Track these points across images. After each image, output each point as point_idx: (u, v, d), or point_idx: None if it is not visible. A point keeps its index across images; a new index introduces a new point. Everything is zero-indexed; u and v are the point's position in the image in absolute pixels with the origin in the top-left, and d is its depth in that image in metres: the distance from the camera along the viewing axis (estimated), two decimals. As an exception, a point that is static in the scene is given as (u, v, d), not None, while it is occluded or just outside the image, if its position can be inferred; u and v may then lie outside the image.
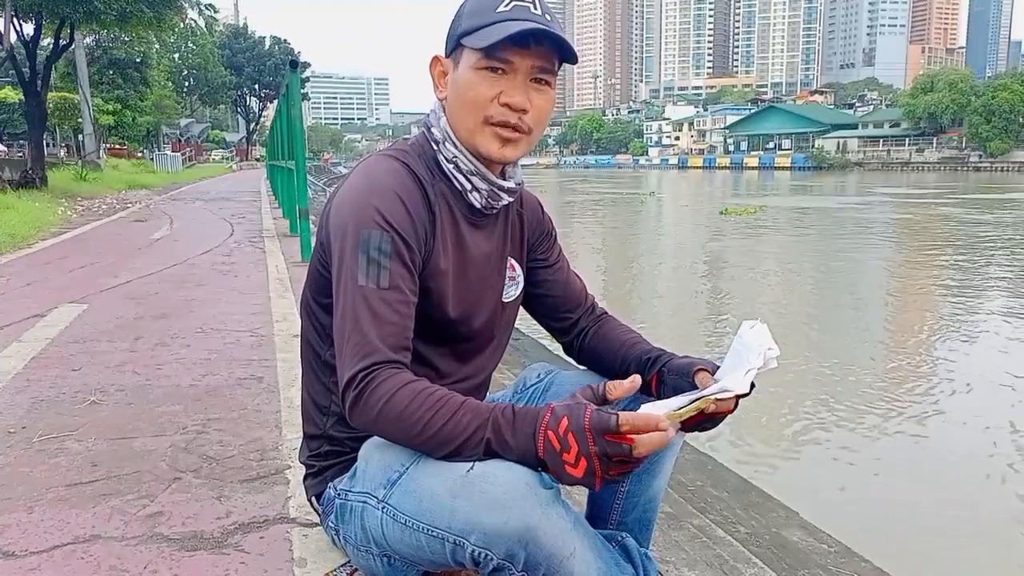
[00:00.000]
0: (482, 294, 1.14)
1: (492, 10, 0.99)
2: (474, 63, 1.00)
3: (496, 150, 1.04)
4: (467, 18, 1.01)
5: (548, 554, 0.86)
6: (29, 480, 1.73)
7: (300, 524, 1.50)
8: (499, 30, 0.97)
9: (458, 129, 1.05)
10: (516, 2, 0.99)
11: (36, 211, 9.01)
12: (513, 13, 0.98)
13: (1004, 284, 9.36)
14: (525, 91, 1.01)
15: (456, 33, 1.03)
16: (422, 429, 0.89)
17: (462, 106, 1.03)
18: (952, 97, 60.62)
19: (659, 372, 1.10)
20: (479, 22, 0.99)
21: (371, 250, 0.96)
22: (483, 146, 1.04)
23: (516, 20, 0.97)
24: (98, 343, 3.09)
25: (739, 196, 29.39)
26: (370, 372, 0.92)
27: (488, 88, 1.00)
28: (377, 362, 0.92)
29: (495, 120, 1.02)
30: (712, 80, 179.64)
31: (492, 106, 1.01)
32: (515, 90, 1.00)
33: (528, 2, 1.00)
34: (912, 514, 3.21)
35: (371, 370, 0.92)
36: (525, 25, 0.97)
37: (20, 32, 13.35)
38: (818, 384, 4.92)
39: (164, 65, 37.95)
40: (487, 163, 1.07)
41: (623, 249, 13.55)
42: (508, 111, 1.01)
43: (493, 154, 1.04)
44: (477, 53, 0.99)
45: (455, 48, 1.03)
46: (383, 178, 1.02)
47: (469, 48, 1.00)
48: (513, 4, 0.99)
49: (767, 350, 0.93)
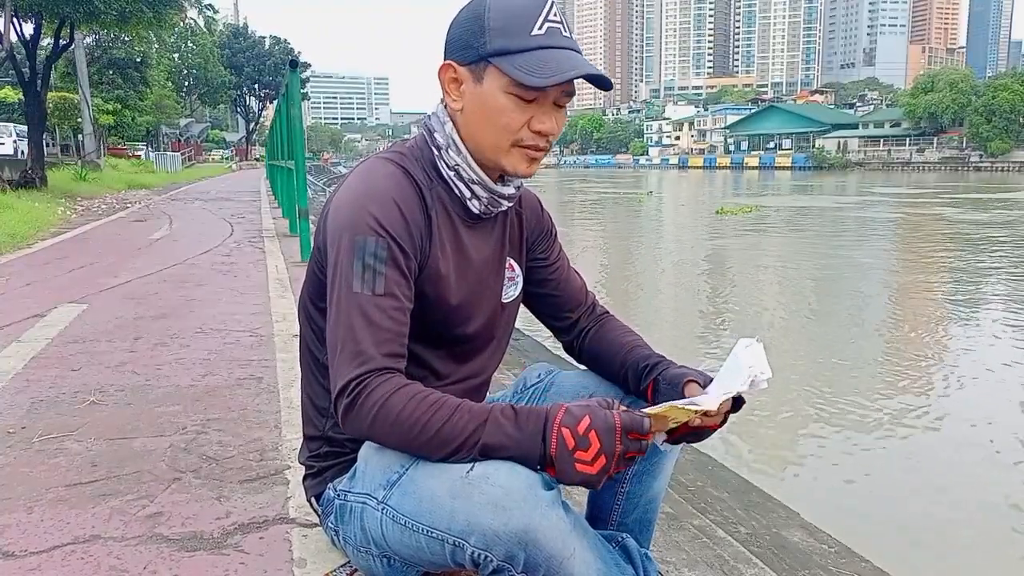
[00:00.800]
0: (481, 296, 1.14)
1: (526, 32, 0.96)
2: (505, 87, 0.98)
3: (524, 169, 1.05)
4: (497, 35, 0.97)
5: (548, 555, 0.86)
6: (29, 480, 1.73)
7: (300, 525, 1.50)
8: (544, 65, 0.95)
9: (480, 146, 1.04)
10: (548, 23, 0.97)
11: (36, 211, 9.01)
12: (548, 39, 0.97)
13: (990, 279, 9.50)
14: (553, 116, 1.02)
15: (483, 48, 0.98)
16: (419, 432, 0.89)
17: (489, 127, 1.01)
18: (952, 97, 60.63)
19: (654, 380, 1.10)
20: (514, 45, 0.96)
21: (366, 256, 0.96)
22: (511, 166, 1.04)
23: (556, 48, 0.97)
24: (98, 343, 3.09)
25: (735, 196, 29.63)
26: (363, 380, 0.92)
27: (520, 115, 1.00)
28: (371, 370, 0.92)
29: (526, 144, 1.02)
30: (712, 80, 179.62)
31: (523, 132, 1.01)
32: (545, 116, 1.01)
33: (558, 22, 0.98)
34: (913, 514, 3.21)
35: (364, 378, 0.92)
36: (574, 66, 0.96)
37: (20, 32, 13.34)
38: (817, 384, 4.92)
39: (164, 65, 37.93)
40: (489, 171, 1.07)
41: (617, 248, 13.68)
42: (539, 136, 1.02)
43: (520, 173, 1.05)
44: (511, 80, 0.97)
45: (478, 61, 0.99)
46: (379, 183, 1.01)
47: (508, 75, 0.97)
48: (547, 27, 0.97)
49: (758, 373, 0.93)
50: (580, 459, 0.85)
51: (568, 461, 0.85)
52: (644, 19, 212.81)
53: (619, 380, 1.16)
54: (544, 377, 1.24)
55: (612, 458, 0.84)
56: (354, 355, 0.93)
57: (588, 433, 0.84)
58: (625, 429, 0.85)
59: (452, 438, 0.88)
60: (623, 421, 0.85)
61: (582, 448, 0.84)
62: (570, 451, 0.85)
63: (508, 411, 0.89)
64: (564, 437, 0.85)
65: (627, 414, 0.86)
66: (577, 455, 0.85)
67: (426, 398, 0.90)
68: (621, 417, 0.85)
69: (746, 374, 0.93)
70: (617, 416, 0.85)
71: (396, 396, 0.90)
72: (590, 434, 0.84)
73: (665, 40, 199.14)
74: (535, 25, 0.97)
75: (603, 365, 1.20)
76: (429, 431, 0.88)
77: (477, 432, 0.88)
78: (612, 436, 0.84)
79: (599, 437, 0.84)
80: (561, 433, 0.85)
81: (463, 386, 1.14)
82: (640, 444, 0.85)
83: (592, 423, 0.85)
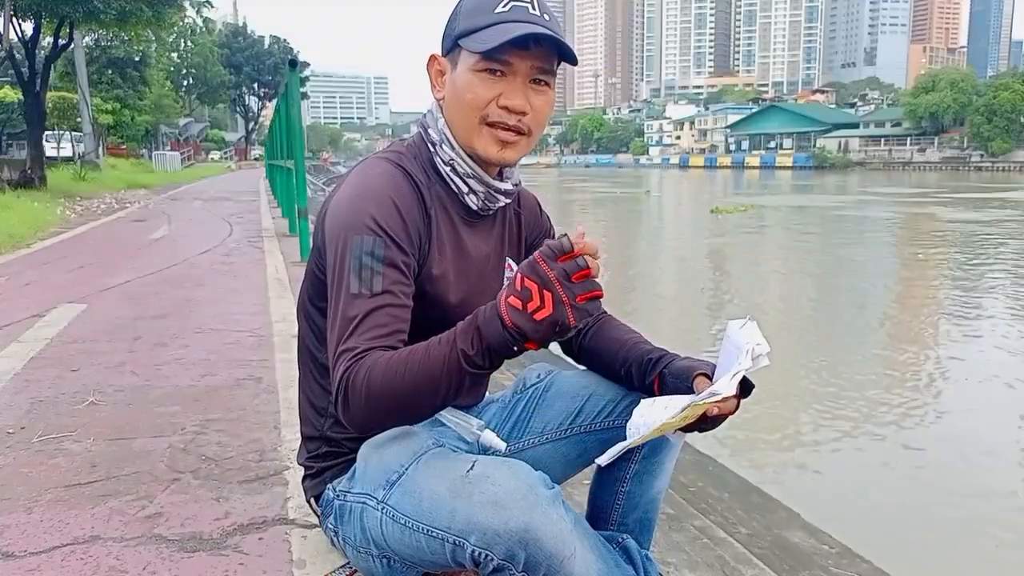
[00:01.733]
0: (481, 294, 1.13)
1: (491, 10, 0.98)
2: (472, 65, 0.99)
3: (495, 152, 1.03)
4: (464, 18, 1.00)
5: (548, 555, 0.86)
6: (28, 480, 1.72)
7: (299, 525, 1.49)
8: (499, 33, 0.96)
9: (456, 130, 1.05)
10: (514, 2, 0.98)
11: (35, 211, 9.00)
12: (512, 14, 0.97)
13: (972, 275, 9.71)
14: (524, 93, 1.01)
15: (453, 33, 1.01)
16: (404, 381, 0.88)
17: (460, 108, 1.02)
18: (953, 96, 60.60)
19: (660, 374, 1.10)
20: (477, 23, 0.98)
21: (364, 256, 0.96)
22: (482, 148, 1.03)
23: (515, 22, 0.97)
24: (97, 343, 3.09)
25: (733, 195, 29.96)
26: (349, 369, 0.91)
27: (487, 90, 1.00)
28: (354, 356, 0.92)
29: (494, 122, 1.01)
30: (713, 79, 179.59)
31: (491, 108, 1.00)
32: (514, 92, 1.00)
33: (527, 2, 0.99)
34: (913, 514, 3.21)
35: (349, 367, 0.91)
36: (525, 28, 0.96)
37: (19, 32, 13.34)
38: (817, 383, 4.92)
39: (163, 64, 37.94)
40: (484, 165, 1.07)
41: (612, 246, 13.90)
42: (507, 113, 1.01)
43: (492, 156, 1.04)
44: (475, 55, 0.98)
45: (452, 48, 1.02)
46: (378, 182, 1.01)
47: (467, 50, 0.99)
48: (512, 5, 0.98)
49: (756, 346, 0.92)
50: (533, 309, 0.83)
51: (527, 321, 0.83)
52: (645, 18, 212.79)
53: (621, 378, 1.16)
54: (544, 377, 1.24)
55: (553, 286, 0.82)
56: (348, 353, 0.92)
57: (523, 283, 0.83)
58: (546, 256, 0.83)
59: (436, 369, 0.87)
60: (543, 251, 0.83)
61: (527, 299, 0.83)
62: (523, 311, 0.83)
63: (467, 319, 0.89)
64: (512, 304, 0.84)
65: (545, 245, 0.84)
66: (528, 307, 0.83)
67: (399, 353, 0.90)
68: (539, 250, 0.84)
69: (745, 351, 0.92)
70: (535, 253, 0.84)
71: (376, 366, 0.89)
72: (524, 282, 0.83)
73: (666, 39, 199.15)
74: (500, 4, 0.98)
75: (603, 363, 1.20)
76: (412, 374, 0.88)
77: (452, 351, 0.87)
78: (538, 268, 0.82)
79: (531, 278, 0.83)
80: (509, 302, 0.84)
81: (463, 386, 1.14)
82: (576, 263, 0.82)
83: (522, 273, 0.84)
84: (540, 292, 0.82)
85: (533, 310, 0.83)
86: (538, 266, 0.83)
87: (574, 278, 0.82)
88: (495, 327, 0.85)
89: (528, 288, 0.83)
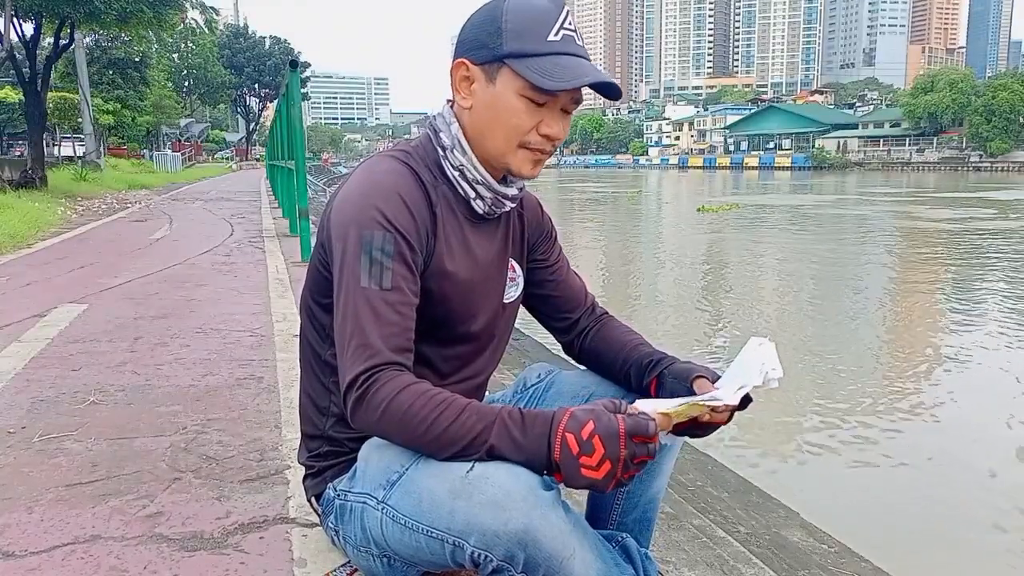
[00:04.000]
0: (484, 295, 1.14)
1: (543, 38, 0.98)
2: (519, 89, 0.99)
3: (528, 171, 1.06)
4: (513, 38, 0.98)
5: (548, 555, 0.86)
6: (29, 480, 1.73)
7: (300, 524, 1.50)
8: (560, 69, 0.97)
9: (487, 146, 1.05)
10: (564, 31, 0.99)
11: (36, 211, 8.99)
12: (563, 45, 0.99)
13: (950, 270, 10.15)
14: (560, 120, 1.03)
15: (496, 48, 0.99)
16: (426, 430, 0.89)
17: (498, 128, 1.03)
18: (952, 97, 60.59)
19: (659, 376, 1.11)
20: (528, 48, 0.98)
21: (373, 251, 0.96)
22: (516, 167, 1.05)
23: (570, 55, 0.98)
24: (98, 343, 3.09)
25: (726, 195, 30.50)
26: (372, 374, 0.92)
27: (530, 118, 1.01)
28: (379, 364, 0.92)
29: (532, 147, 1.03)
30: (712, 80, 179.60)
31: (532, 135, 1.02)
32: (554, 121, 1.03)
33: (573, 31, 1.00)
34: (913, 514, 3.21)
35: (373, 372, 0.92)
36: (588, 71, 0.98)
37: (20, 32, 13.34)
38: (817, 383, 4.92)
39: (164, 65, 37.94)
40: (494, 172, 1.08)
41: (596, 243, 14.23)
42: (546, 140, 1.03)
43: (524, 174, 1.06)
44: (523, 81, 0.98)
45: (492, 62, 1.00)
46: (385, 179, 1.02)
47: (520, 75, 0.98)
48: (563, 34, 0.99)
49: (771, 370, 0.94)
50: (585, 464, 0.84)
51: (573, 466, 0.84)
52: (644, 19, 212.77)
53: (620, 379, 1.17)
54: (544, 377, 1.24)
55: (617, 463, 0.83)
56: (363, 349, 0.93)
57: (592, 438, 0.84)
58: (629, 433, 0.84)
59: (459, 438, 0.88)
60: (627, 425, 0.84)
61: (586, 453, 0.84)
62: (575, 456, 0.84)
63: (515, 414, 0.88)
64: (568, 442, 0.84)
65: (632, 418, 0.85)
66: (582, 460, 0.84)
67: (434, 396, 0.90)
68: (625, 421, 0.84)
69: (760, 370, 0.93)
70: (621, 420, 0.84)
71: (405, 393, 0.90)
72: (594, 439, 0.83)
73: (665, 40, 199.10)
74: (551, 31, 0.98)
75: (604, 364, 1.20)
76: (436, 429, 0.88)
77: (484, 433, 0.87)
78: (616, 441, 0.83)
79: (603, 442, 0.83)
80: (565, 439, 0.85)
81: (464, 386, 1.15)
82: (647, 448, 0.84)
83: (596, 428, 0.84)
84: (602, 459, 0.84)
85: (584, 464, 0.84)
86: (618, 439, 0.84)
87: (636, 460, 0.84)
88: (539, 448, 0.86)
89: (593, 445, 0.84)
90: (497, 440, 0.87)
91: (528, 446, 0.86)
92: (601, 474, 0.84)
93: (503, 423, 0.88)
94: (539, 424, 0.87)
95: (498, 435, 0.87)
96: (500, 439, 0.87)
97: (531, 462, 0.87)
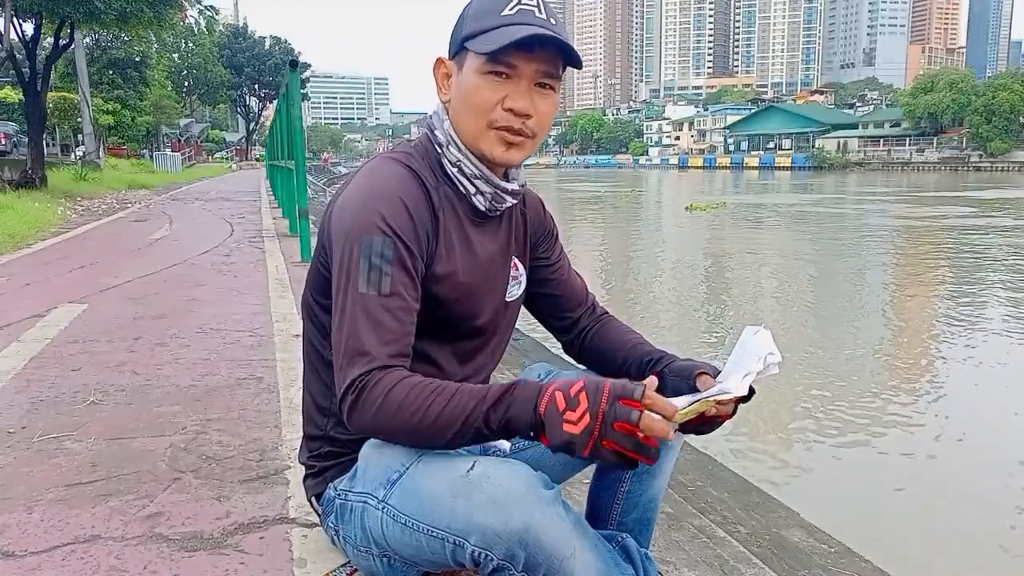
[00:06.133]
0: (487, 294, 1.14)
1: (497, 13, 0.99)
2: (478, 67, 1.00)
3: (500, 153, 1.04)
4: (471, 21, 1.01)
5: (548, 555, 0.86)
6: (29, 480, 1.73)
7: (300, 524, 1.50)
8: (504, 35, 0.96)
9: (462, 132, 1.05)
10: (521, 6, 0.99)
11: (36, 211, 8.99)
12: (518, 17, 0.98)
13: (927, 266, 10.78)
14: (529, 96, 1.01)
15: (460, 36, 1.02)
16: (421, 418, 0.89)
17: (466, 110, 1.03)
18: (952, 97, 60.56)
19: (660, 373, 1.10)
20: (484, 25, 0.99)
21: (373, 256, 0.96)
22: (487, 149, 1.04)
23: (521, 24, 0.97)
24: (98, 343, 3.09)
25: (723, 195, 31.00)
26: (366, 376, 0.92)
27: (492, 93, 1.00)
28: (375, 368, 0.93)
29: (499, 125, 1.02)
30: (712, 80, 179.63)
31: (496, 111, 1.01)
32: (519, 95, 1.01)
33: (533, 5, 1.00)
34: (913, 514, 3.21)
35: (368, 375, 0.92)
36: (530, 30, 0.96)
37: (20, 32, 13.33)
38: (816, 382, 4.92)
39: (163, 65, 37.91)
40: (491, 166, 1.07)
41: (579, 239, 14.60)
42: (512, 116, 1.01)
43: (497, 157, 1.04)
44: (481, 57, 0.99)
45: (459, 51, 1.03)
46: (386, 182, 1.02)
47: (473, 52, 1.00)
48: (518, 8, 0.99)
49: (769, 355, 0.93)
50: (568, 419, 0.83)
51: (556, 422, 0.84)
52: (644, 19, 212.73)
53: (621, 377, 1.17)
54: (544, 377, 1.24)
55: (596, 418, 0.82)
56: (359, 355, 0.93)
57: (579, 393, 0.84)
58: (614, 391, 0.83)
59: (454, 419, 0.88)
60: (613, 385, 0.84)
61: (571, 408, 0.83)
62: (560, 412, 0.84)
63: (506, 384, 0.89)
64: (556, 399, 0.84)
65: (619, 380, 0.85)
66: (566, 415, 0.83)
67: (426, 385, 0.90)
68: (612, 383, 0.84)
69: (758, 357, 0.93)
70: (608, 381, 0.85)
71: (398, 387, 0.91)
72: (580, 394, 0.84)
73: (665, 40, 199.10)
74: (507, 6, 0.99)
75: (604, 363, 1.20)
76: (432, 415, 0.88)
77: (478, 407, 0.87)
78: (599, 395, 0.83)
79: (587, 396, 0.83)
80: (554, 395, 0.85)
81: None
82: (629, 414, 0.81)
83: (584, 385, 0.84)
84: (583, 413, 0.83)
85: (567, 419, 0.84)
86: (601, 392, 0.83)
87: (616, 425, 0.82)
88: (527, 405, 0.86)
89: (578, 400, 0.84)
90: (490, 408, 0.87)
91: (517, 405, 0.86)
92: (580, 428, 0.82)
93: (494, 394, 0.88)
94: (531, 387, 0.87)
95: (490, 404, 0.87)
96: (492, 407, 0.87)
97: (519, 421, 0.86)
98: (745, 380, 0.93)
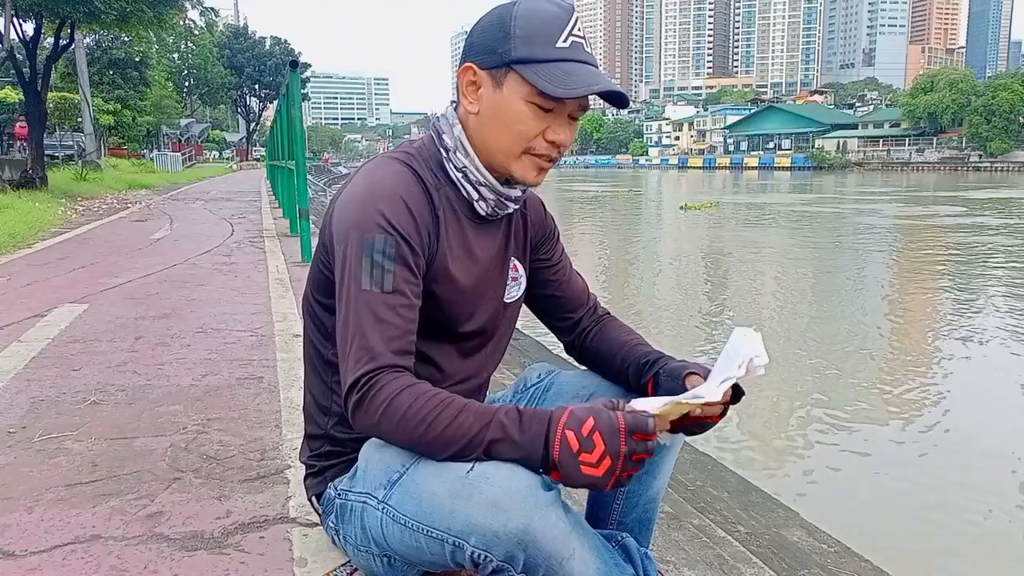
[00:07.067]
0: (484, 295, 1.14)
1: (551, 43, 0.98)
2: (526, 95, 0.99)
3: (532, 178, 1.06)
4: (521, 44, 0.98)
5: (548, 555, 0.86)
6: (29, 480, 1.73)
7: (300, 524, 1.50)
8: (571, 76, 0.96)
9: (492, 150, 1.04)
10: (572, 37, 0.99)
11: (36, 211, 9.00)
12: (572, 52, 0.98)
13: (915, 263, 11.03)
14: (566, 127, 1.03)
15: (504, 53, 0.99)
16: (425, 430, 0.89)
17: (502, 132, 1.02)
18: (952, 97, 60.55)
19: (655, 375, 1.11)
20: (538, 54, 0.97)
21: (375, 254, 0.97)
22: (520, 173, 1.05)
23: (579, 62, 0.98)
24: (98, 343, 3.09)
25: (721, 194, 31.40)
26: (373, 376, 0.92)
27: (537, 123, 1.01)
28: (380, 366, 0.93)
29: (538, 152, 1.03)
30: (712, 80, 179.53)
31: (538, 140, 1.02)
32: (561, 128, 1.02)
33: (582, 38, 1.00)
34: (913, 514, 3.21)
35: (374, 374, 0.92)
36: (597, 79, 0.98)
37: (20, 32, 13.33)
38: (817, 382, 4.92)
39: (164, 65, 37.92)
40: (497, 175, 1.07)
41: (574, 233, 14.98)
42: (552, 147, 1.03)
43: (528, 181, 1.06)
44: (530, 87, 0.98)
45: (500, 67, 1.00)
46: (388, 181, 1.02)
47: (528, 81, 0.98)
48: (571, 40, 0.98)
49: (754, 357, 0.93)
50: (585, 461, 0.84)
51: (573, 464, 0.84)
52: (644, 19, 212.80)
53: (620, 378, 1.17)
54: (544, 377, 1.24)
55: (617, 459, 0.83)
56: (363, 352, 0.93)
57: (592, 435, 0.84)
58: (629, 430, 0.84)
59: (457, 437, 0.88)
60: (627, 422, 0.84)
61: (586, 450, 0.84)
62: (574, 453, 0.84)
63: (512, 412, 0.89)
64: (568, 439, 0.84)
65: (631, 415, 0.85)
66: (582, 457, 0.84)
67: (433, 396, 0.90)
68: (625, 418, 0.84)
69: (742, 361, 0.93)
70: (621, 417, 0.85)
71: (404, 393, 0.91)
72: (594, 435, 0.84)
73: (665, 40, 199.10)
74: (560, 37, 0.98)
75: (604, 364, 1.21)
76: (435, 429, 0.89)
77: (482, 433, 0.88)
78: (616, 437, 0.83)
79: (603, 438, 0.83)
80: (565, 435, 0.85)
81: (464, 386, 1.15)
82: (646, 445, 0.84)
83: (596, 424, 0.84)
84: (602, 455, 0.83)
85: (583, 461, 0.84)
86: (617, 434, 0.84)
87: (635, 457, 0.84)
88: (536, 444, 0.86)
89: (593, 442, 0.84)
90: (495, 439, 0.87)
91: (526, 444, 0.87)
92: (601, 471, 0.84)
93: (500, 422, 0.88)
94: (537, 422, 0.87)
95: (495, 434, 0.87)
96: (498, 438, 0.87)
97: (529, 460, 0.87)
98: (722, 386, 0.93)
